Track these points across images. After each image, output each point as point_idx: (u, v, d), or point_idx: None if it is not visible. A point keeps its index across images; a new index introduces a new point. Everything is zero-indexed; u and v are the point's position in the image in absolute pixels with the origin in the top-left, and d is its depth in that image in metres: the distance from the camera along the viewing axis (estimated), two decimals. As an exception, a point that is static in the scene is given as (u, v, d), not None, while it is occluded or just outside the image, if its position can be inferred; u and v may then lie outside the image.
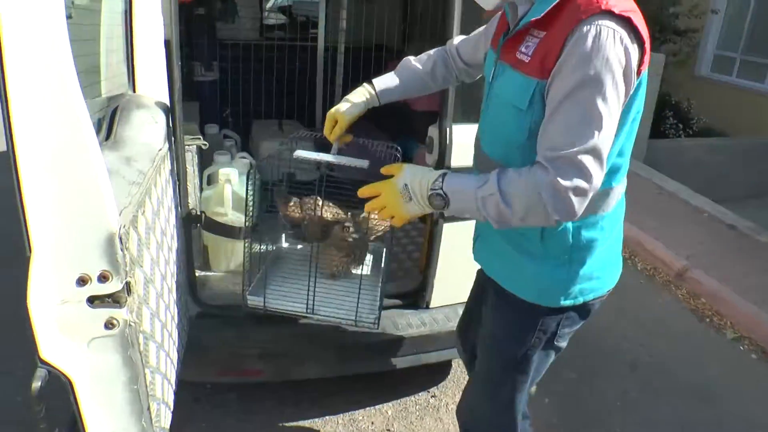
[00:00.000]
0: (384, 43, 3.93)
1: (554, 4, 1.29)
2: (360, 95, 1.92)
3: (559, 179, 1.25)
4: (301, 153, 1.91)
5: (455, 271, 2.72)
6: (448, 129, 2.40)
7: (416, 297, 2.79)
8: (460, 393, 3.04)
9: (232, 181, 2.67)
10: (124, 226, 1.12)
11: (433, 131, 2.47)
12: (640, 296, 4.38)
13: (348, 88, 3.94)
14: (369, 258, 2.65)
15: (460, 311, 2.77)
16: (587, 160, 1.25)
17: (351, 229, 2.36)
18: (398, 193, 1.46)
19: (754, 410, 3.28)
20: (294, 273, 2.41)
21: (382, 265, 2.47)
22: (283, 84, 3.92)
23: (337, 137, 1.93)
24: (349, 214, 2.49)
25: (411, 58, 1.97)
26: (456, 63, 1.96)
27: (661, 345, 3.81)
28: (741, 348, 3.91)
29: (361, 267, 2.48)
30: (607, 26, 1.22)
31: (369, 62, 3.93)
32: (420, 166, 1.53)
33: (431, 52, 1.99)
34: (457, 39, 1.99)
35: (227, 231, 2.63)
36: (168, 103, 2.04)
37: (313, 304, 2.21)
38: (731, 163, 7.29)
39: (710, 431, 3.12)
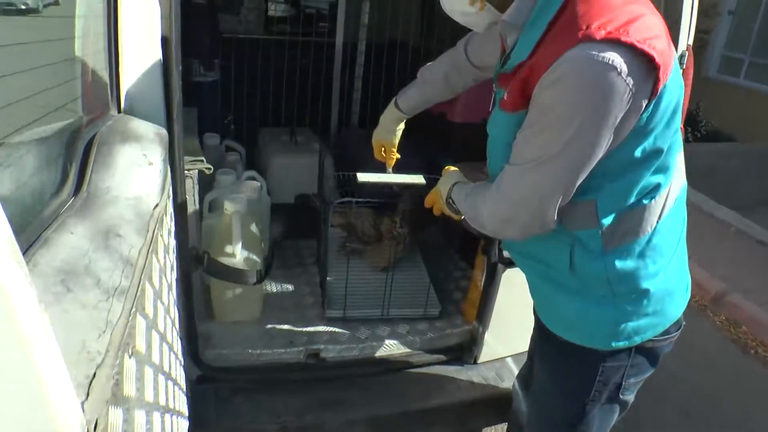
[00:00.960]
0: (410, 39, 3.34)
1: (540, 36, 1.10)
2: (391, 115, 1.88)
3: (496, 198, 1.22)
4: (364, 176, 1.98)
5: (509, 321, 2.20)
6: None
7: (462, 351, 2.24)
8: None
9: (241, 211, 2.09)
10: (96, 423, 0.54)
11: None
12: (678, 323, 3.85)
13: (369, 91, 3.38)
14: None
15: (513, 366, 2.29)
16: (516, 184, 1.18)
17: (398, 223, 2.42)
18: (439, 196, 1.57)
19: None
20: (354, 280, 2.29)
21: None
22: (294, 86, 3.32)
23: (394, 162, 1.97)
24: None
25: (427, 67, 1.78)
26: (468, 67, 1.69)
27: (709, 384, 3.31)
28: (792, 385, 3.43)
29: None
30: (589, 59, 1.00)
31: (393, 62, 3.35)
32: (456, 172, 1.58)
33: (442, 57, 1.75)
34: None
35: (236, 276, 2.05)
36: (166, 127, 1.46)
37: (389, 306, 2.27)
38: (743, 170, 6.82)
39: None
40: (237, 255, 2.08)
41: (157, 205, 1.09)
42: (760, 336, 3.75)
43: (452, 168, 1.58)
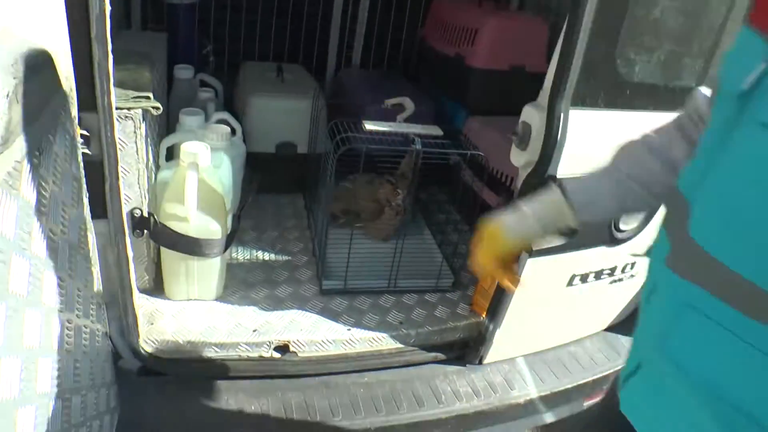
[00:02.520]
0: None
1: None
2: (546, 208, 0.98)
3: None
4: (372, 125, 1.79)
5: (526, 318, 1.76)
6: (562, 115, 1.35)
7: (466, 349, 1.81)
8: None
9: (201, 163, 1.62)
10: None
11: (531, 114, 1.43)
12: None
13: (375, 25, 2.84)
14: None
15: (525, 369, 1.87)
16: None
17: (400, 191, 2.02)
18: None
19: None
20: (354, 248, 1.84)
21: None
22: (286, 14, 2.78)
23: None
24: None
25: (644, 139, 0.95)
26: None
27: None
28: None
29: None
30: None
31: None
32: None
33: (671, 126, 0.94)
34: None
35: (189, 246, 1.61)
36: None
37: (396, 278, 1.89)
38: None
39: None
40: (191, 219, 1.62)
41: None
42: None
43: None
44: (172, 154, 1.87)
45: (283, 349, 1.65)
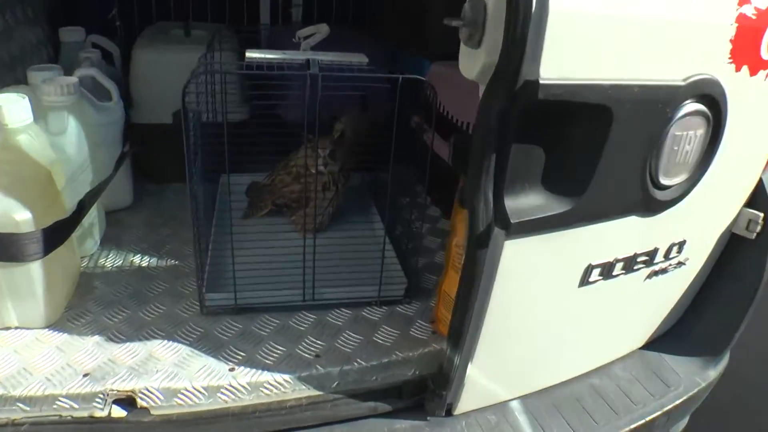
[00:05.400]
0: None
1: None
2: None
3: None
4: (255, 53, 1.17)
5: (516, 341, 1.11)
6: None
7: (425, 394, 1.15)
8: None
9: (7, 122, 1.04)
10: None
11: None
12: None
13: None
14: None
15: (520, 418, 1.20)
16: None
17: (323, 155, 1.42)
18: None
19: None
20: (262, 253, 1.22)
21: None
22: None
23: None
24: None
25: None
26: None
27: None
28: None
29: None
30: None
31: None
32: None
33: None
34: None
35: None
36: None
37: (313, 287, 1.23)
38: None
39: None
40: (-2, 200, 1.03)
41: None
42: None
43: None
44: None
45: (127, 403, 1.03)
